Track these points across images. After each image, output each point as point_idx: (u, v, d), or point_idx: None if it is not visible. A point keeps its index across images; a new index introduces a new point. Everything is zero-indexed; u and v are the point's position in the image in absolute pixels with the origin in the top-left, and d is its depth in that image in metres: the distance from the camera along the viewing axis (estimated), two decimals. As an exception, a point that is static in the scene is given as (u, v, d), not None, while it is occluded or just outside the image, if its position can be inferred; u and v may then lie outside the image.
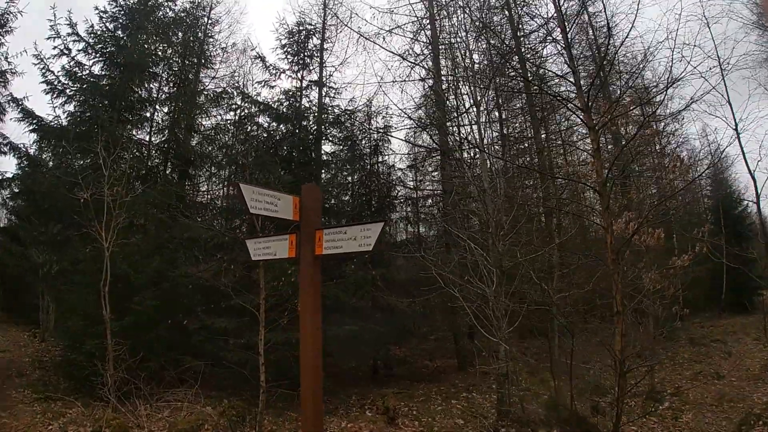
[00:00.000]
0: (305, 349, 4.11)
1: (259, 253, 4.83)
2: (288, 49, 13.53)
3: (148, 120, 14.95)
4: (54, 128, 12.18)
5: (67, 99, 12.70)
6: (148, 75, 14.24)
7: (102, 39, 13.41)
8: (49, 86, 12.50)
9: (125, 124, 13.57)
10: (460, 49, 11.14)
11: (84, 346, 8.85)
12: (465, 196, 10.70)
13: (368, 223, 4.07)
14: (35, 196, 11.79)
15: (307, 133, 13.50)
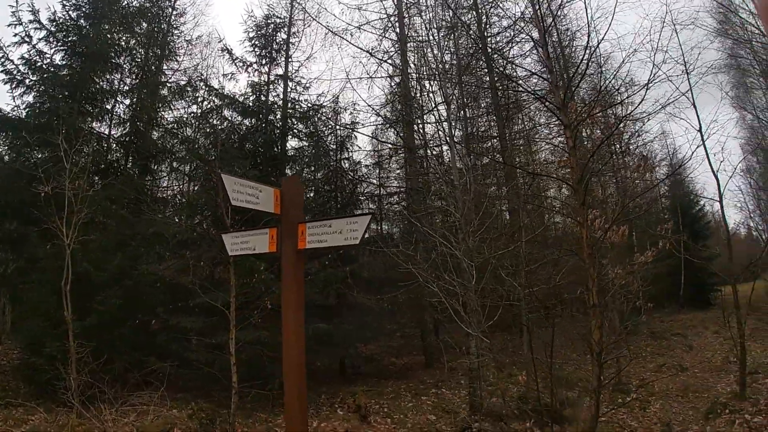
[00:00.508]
0: (288, 347, 3.98)
1: (237, 248, 4.64)
2: (255, 42, 13.35)
3: (109, 112, 14.30)
4: (11, 119, 11.50)
5: (26, 89, 12.02)
6: (110, 66, 13.65)
7: (64, 27, 12.75)
8: (8, 76, 11.81)
9: (86, 116, 12.99)
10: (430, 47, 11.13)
11: (44, 348, 8.41)
12: (432, 193, 10.70)
13: (354, 216, 4.00)
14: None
15: (273, 128, 13.27)
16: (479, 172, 11.54)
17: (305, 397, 4.02)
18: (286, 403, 3.98)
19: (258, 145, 12.97)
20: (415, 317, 14.25)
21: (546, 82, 8.45)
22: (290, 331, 4.00)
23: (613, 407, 8.15)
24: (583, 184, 5.72)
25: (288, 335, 4.00)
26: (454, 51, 11.08)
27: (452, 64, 10.87)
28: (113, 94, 14.22)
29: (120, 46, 14.02)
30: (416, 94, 13.16)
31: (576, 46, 12.94)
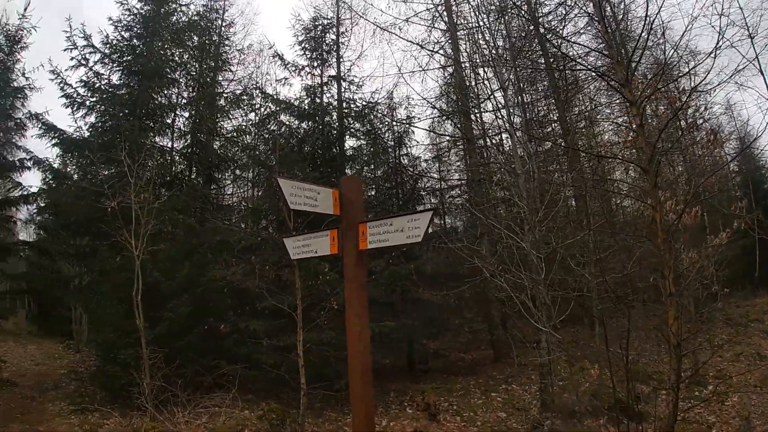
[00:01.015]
0: (353, 348, 3.83)
1: (299, 251, 4.54)
2: (305, 45, 13.31)
3: (169, 126, 14.79)
4: (76, 140, 12.05)
5: (87, 110, 12.56)
6: (166, 81, 14.07)
7: (118, 48, 13.24)
8: (69, 99, 12.37)
9: (147, 132, 13.42)
10: (481, 33, 10.73)
11: (118, 356, 8.68)
12: (495, 183, 10.32)
13: (416, 213, 3.78)
14: (61, 209, 11.65)
15: (330, 129, 13.26)
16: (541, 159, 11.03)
17: (372, 397, 3.87)
18: (352, 405, 3.84)
19: (316, 147, 12.98)
20: (482, 312, 13.88)
21: (606, 58, 7.90)
22: (354, 333, 3.85)
23: (689, 402, 7.55)
24: (654, 165, 5.26)
25: (352, 336, 3.85)
26: (506, 35, 10.61)
27: (505, 49, 10.43)
28: (172, 108, 14.67)
29: (174, 62, 14.44)
30: (471, 82, 12.75)
31: (632, 18, 12.06)
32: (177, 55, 14.69)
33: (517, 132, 9.54)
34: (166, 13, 14.13)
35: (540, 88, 14.19)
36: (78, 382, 9.73)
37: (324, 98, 13.44)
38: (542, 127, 13.87)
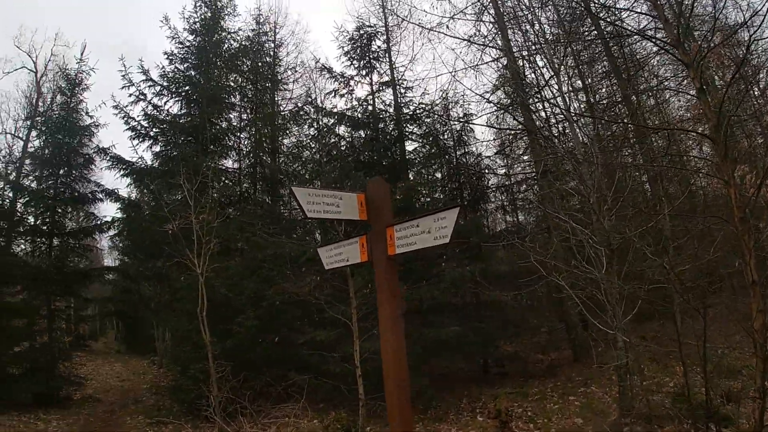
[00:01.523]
0: (387, 362, 3.56)
1: (332, 260, 4.35)
2: (352, 54, 13.22)
3: (232, 148, 15.29)
4: (143, 170, 12.70)
5: (152, 141, 13.26)
6: (224, 106, 14.58)
7: (175, 80, 13.90)
8: (134, 132, 13.09)
9: (212, 156, 13.88)
10: (528, 21, 10.22)
11: (189, 370, 8.94)
12: (561, 174, 9.66)
13: (441, 211, 3.45)
14: (133, 235, 12.28)
15: (386, 135, 13.12)
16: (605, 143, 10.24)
17: (409, 414, 3.57)
18: (390, 423, 3.56)
19: (373, 155, 12.87)
20: (558, 310, 13.14)
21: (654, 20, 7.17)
22: (388, 345, 3.59)
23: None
24: (721, 133, 4.62)
25: (386, 349, 3.59)
26: (554, 19, 10.02)
27: (556, 34, 9.84)
28: (233, 131, 15.14)
29: (230, 86, 14.95)
30: (525, 72, 12.15)
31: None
32: (232, 80, 15.21)
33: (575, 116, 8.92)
34: (217, 41, 14.70)
35: (600, 69, 13.25)
36: (157, 396, 10.15)
37: (377, 105, 13.33)
38: (606, 110, 12.92)
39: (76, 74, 13.22)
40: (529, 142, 13.08)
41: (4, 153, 12.50)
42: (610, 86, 13.11)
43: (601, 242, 7.08)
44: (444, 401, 9.74)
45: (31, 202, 12.22)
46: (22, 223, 12.15)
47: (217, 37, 14.73)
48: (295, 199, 3.65)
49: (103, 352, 15.99)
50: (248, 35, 16.23)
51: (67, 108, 12.89)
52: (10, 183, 12.16)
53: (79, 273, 12.65)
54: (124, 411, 9.69)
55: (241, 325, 9.87)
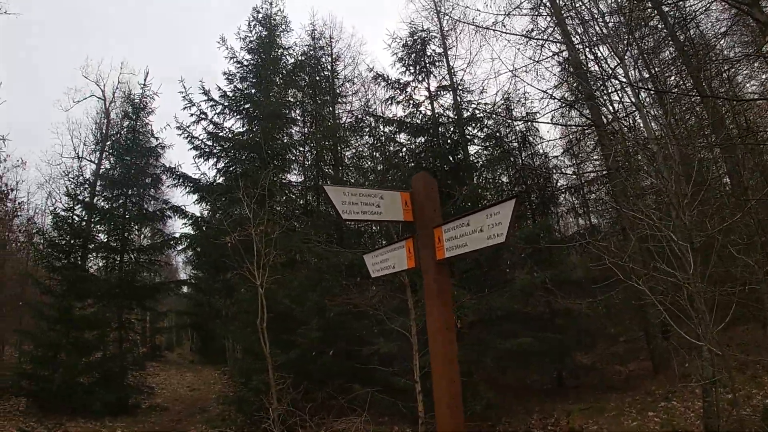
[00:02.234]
0: (437, 378, 3.11)
1: (378, 268, 3.92)
2: (406, 60, 12.86)
3: (294, 162, 15.33)
4: (208, 186, 12.93)
5: (216, 159, 13.46)
6: (285, 121, 14.64)
7: (235, 98, 14.16)
8: (198, 151, 13.42)
9: (276, 171, 13.92)
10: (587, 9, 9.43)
11: (252, 381, 8.80)
12: (635, 169, 8.73)
13: (494, 205, 2.93)
14: (201, 249, 12.47)
15: (446, 140, 12.62)
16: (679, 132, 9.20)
17: (462, 431, 3.07)
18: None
19: (435, 160, 12.43)
20: (637, 317, 11.99)
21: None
22: (438, 360, 3.13)
23: None
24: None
25: (435, 364, 3.14)
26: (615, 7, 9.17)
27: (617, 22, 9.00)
28: (294, 145, 15.15)
29: (289, 102, 14.99)
30: (588, 64, 11.25)
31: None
32: (291, 95, 15.28)
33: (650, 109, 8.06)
34: (274, 58, 14.84)
35: (668, 55, 12.02)
36: (224, 406, 10.06)
37: (435, 109, 12.87)
38: (677, 99, 11.70)
39: (140, 99, 13.92)
40: (598, 137, 12.07)
41: (76, 175, 13.09)
42: (678, 73, 11.86)
43: (682, 240, 6.23)
44: (514, 416, 9.01)
45: (103, 221, 12.78)
46: (94, 240, 12.68)
47: (274, 54, 14.87)
48: (329, 199, 3.22)
49: (177, 363, 16.42)
50: (304, 50, 16.33)
51: (133, 131, 13.55)
52: (82, 203, 12.79)
53: (148, 287, 13.10)
54: (190, 420, 9.72)
55: (304, 336, 9.65)
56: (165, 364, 16.06)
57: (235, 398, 9.75)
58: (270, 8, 15.48)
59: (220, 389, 12.01)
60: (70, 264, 12.03)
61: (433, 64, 13.08)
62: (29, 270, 14.10)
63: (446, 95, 13.25)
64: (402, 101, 12.97)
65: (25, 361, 11.61)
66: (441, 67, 13.35)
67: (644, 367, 12.18)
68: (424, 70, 12.87)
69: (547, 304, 10.58)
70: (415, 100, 12.90)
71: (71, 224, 12.49)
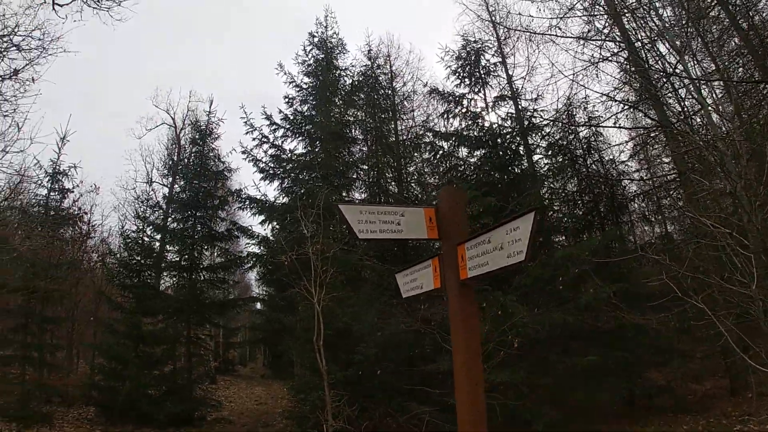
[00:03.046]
0: (461, 407, 2.84)
1: (408, 287, 3.71)
2: (461, 73, 12.56)
3: (356, 180, 15.42)
4: (272, 206, 13.24)
5: (281, 180, 13.82)
6: (346, 140, 14.79)
7: (296, 121, 14.54)
8: (263, 173, 13.82)
9: (338, 189, 14.04)
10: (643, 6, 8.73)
11: (309, 397, 8.73)
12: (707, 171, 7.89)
13: (513, 219, 2.64)
14: (266, 267, 12.75)
15: (505, 151, 12.16)
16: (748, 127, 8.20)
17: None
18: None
19: (494, 172, 12.03)
20: (713, 332, 10.80)
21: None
22: (462, 390, 2.86)
23: None
24: None
25: (460, 395, 2.86)
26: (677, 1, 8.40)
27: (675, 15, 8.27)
28: (356, 164, 15.25)
29: (349, 121, 15.13)
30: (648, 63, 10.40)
31: None
32: (351, 114, 15.39)
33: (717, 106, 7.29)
34: (332, 80, 15.12)
35: (733, 46, 10.83)
36: (288, 421, 10.06)
37: (493, 120, 12.51)
38: (747, 93, 10.50)
39: (206, 126, 14.62)
40: (665, 139, 11.10)
41: (145, 198, 13.99)
42: (743, 65, 10.63)
43: (755, 249, 5.49)
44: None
45: (174, 242, 13.42)
46: (165, 260, 13.33)
47: (332, 76, 15.13)
48: (343, 218, 3.05)
49: (248, 377, 16.80)
50: (361, 70, 16.45)
51: (201, 156, 14.18)
52: (152, 225, 13.56)
53: (216, 304, 13.56)
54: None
55: (361, 353, 9.51)
56: (236, 378, 16.51)
57: (295, 413, 9.76)
58: (326, 32, 15.84)
59: (286, 404, 12.08)
60: (140, 282, 12.73)
61: (489, 74, 12.71)
62: (102, 288, 14.92)
63: (504, 105, 12.78)
64: (458, 114, 12.66)
65: (96, 374, 12.26)
66: (498, 77, 12.95)
67: (721, 386, 11.04)
68: (479, 81, 12.52)
69: (615, 319, 9.81)
70: (472, 112, 12.53)
71: (142, 245, 13.25)
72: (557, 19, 11.37)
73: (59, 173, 13.34)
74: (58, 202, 13.72)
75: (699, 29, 7.64)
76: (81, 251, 16.41)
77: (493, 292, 8.57)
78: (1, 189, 10.48)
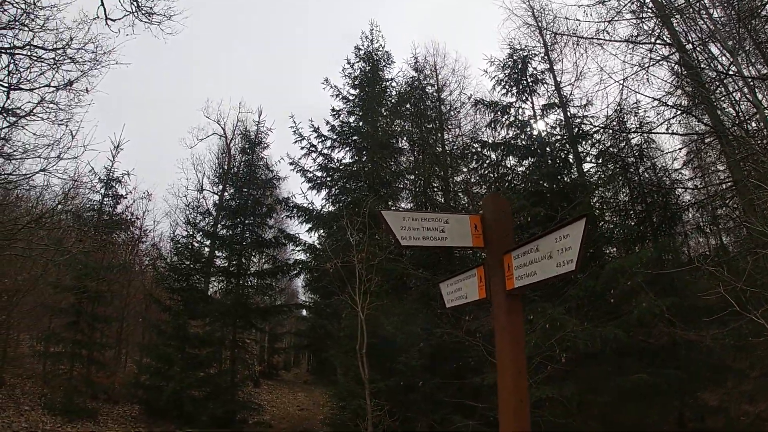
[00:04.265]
0: (505, 424, 2.73)
1: (452, 297, 3.62)
2: (506, 81, 12.27)
3: (403, 189, 15.37)
4: (319, 215, 13.37)
5: (328, 189, 13.96)
6: (392, 151, 14.81)
7: (343, 132, 14.71)
8: (310, 183, 14.00)
9: (385, 199, 14.03)
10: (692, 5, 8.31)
11: (350, 405, 8.64)
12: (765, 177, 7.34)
13: (563, 227, 2.51)
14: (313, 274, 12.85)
15: (555, 159, 11.80)
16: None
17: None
18: None
19: (542, 181, 11.67)
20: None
21: None
22: (507, 405, 2.72)
23: None
24: None
25: (504, 410, 2.72)
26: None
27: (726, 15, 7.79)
28: (402, 174, 15.19)
29: (396, 132, 15.10)
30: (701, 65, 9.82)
31: None
32: (397, 125, 15.35)
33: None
34: (379, 92, 15.24)
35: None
36: (329, 428, 9.99)
37: (542, 129, 12.16)
38: None
39: (255, 135, 14.96)
40: (720, 145, 10.42)
41: (196, 205, 14.36)
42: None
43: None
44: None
45: (223, 247, 13.72)
46: (214, 265, 13.61)
47: (379, 87, 15.23)
48: (386, 225, 3.00)
49: (292, 382, 16.89)
50: (408, 81, 16.41)
51: (250, 165, 14.52)
52: (202, 231, 13.89)
53: (261, 309, 13.73)
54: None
55: (405, 364, 9.36)
56: (279, 383, 16.64)
57: (335, 421, 9.69)
58: (371, 44, 15.98)
59: (327, 411, 12.06)
60: (188, 286, 13.03)
61: (537, 82, 12.34)
62: (151, 291, 15.31)
63: (553, 113, 12.37)
64: (505, 123, 12.36)
65: (142, 373, 12.52)
66: (546, 84, 12.55)
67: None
68: (526, 90, 12.19)
69: (668, 335, 9.23)
70: (520, 121, 12.22)
71: (191, 250, 13.54)
72: (605, 23, 11.02)
73: (113, 180, 13.83)
74: (112, 208, 14.18)
75: (749, 29, 7.12)
76: (132, 255, 17.01)
77: (542, 304, 8.26)
78: (56, 194, 10.96)
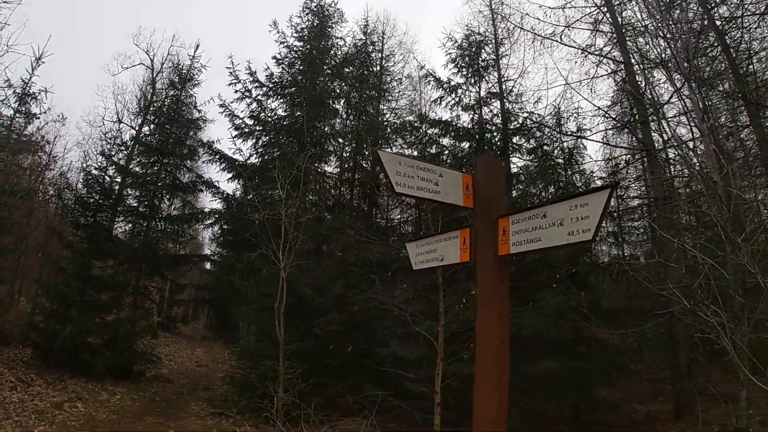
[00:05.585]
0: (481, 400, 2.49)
1: (423, 259, 3.35)
2: (459, 62, 12.19)
3: (332, 153, 14.95)
4: (243, 165, 12.61)
5: (255, 140, 13.14)
6: (328, 111, 14.20)
7: (281, 83, 13.93)
8: (238, 130, 13.18)
9: (313, 159, 13.49)
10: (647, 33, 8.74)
11: (259, 366, 8.33)
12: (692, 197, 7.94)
13: (581, 195, 2.33)
14: (229, 226, 12.13)
15: (491, 147, 11.94)
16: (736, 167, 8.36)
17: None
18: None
19: (476, 166, 11.70)
20: (665, 356, 11.07)
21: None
22: (486, 379, 2.54)
23: None
24: None
25: (482, 383, 2.54)
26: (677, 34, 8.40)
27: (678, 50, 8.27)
28: (334, 136, 14.71)
29: (335, 93, 14.54)
30: (644, 88, 10.48)
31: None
32: (337, 86, 14.85)
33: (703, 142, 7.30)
34: (324, 48, 14.54)
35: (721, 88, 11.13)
36: (229, 387, 9.55)
37: (483, 115, 12.19)
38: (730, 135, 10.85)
39: (188, 71, 13.64)
40: (648, 163, 11.22)
41: (113, 137, 12.74)
42: (731, 110, 10.96)
43: (734, 282, 5.51)
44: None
45: (135, 185, 12.45)
46: (123, 203, 12.32)
47: (324, 44, 14.56)
48: (382, 167, 2.66)
49: (190, 337, 16.15)
50: (354, 44, 15.91)
51: (177, 101, 13.25)
52: (116, 165, 12.33)
53: (170, 257, 12.73)
54: (192, 396, 9.32)
55: (321, 328, 9.08)
56: (178, 336, 15.73)
57: (240, 381, 9.25)
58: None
59: (227, 369, 11.52)
60: (95, 222, 11.71)
61: (486, 70, 12.36)
62: (54, 224, 13.86)
63: (494, 103, 12.56)
64: (451, 103, 12.33)
65: (37, 313, 11.16)
66: (492, 74, 12.65)
67: (665, 409, 11.23)
68: (476, 74, 12.19)
69: (574, 330, 9.77)
70: (465, 104, 12.23)
71: (102, 184, 12.11)
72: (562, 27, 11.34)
73: (28, 95, 11.93)
74: (22, 127, 12.55)
75: (693, 67, 7.56)
76: (38, 182, 15.10)
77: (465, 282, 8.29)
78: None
